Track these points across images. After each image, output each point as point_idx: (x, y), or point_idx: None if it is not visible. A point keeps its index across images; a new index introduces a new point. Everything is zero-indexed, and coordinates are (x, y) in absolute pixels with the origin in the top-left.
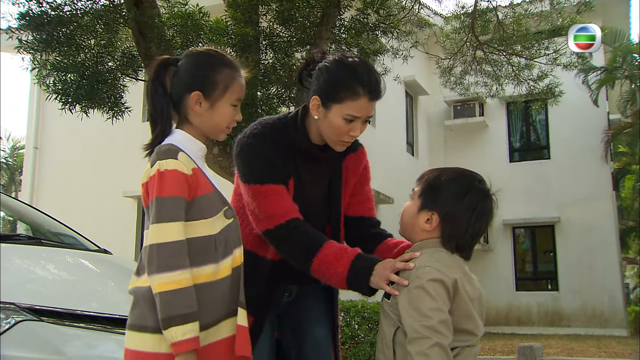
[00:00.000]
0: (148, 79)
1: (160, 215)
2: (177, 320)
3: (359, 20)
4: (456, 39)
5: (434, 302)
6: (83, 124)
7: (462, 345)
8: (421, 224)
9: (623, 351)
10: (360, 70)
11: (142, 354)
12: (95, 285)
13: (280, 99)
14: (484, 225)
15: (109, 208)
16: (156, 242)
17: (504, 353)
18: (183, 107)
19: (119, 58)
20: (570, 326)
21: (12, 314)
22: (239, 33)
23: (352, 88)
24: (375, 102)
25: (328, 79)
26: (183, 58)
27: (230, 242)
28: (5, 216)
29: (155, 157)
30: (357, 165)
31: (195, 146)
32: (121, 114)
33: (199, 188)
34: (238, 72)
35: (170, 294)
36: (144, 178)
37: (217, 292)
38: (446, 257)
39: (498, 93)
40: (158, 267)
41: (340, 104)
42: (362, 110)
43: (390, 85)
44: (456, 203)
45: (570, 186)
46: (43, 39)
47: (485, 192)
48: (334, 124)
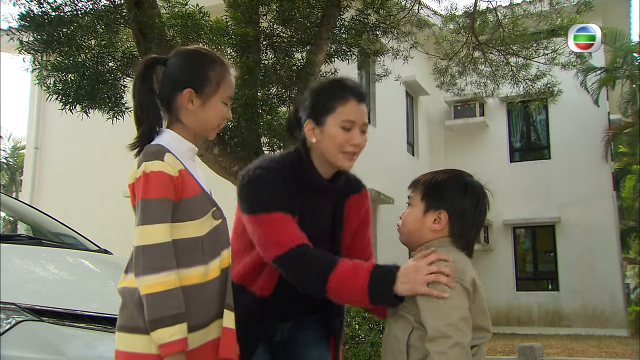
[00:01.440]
0: (134, 78)
1: (146, 217)
2: (164, 321)
3: (359, 21)
4: (455, 40)
5: (454, 300)
6: (83, 125)
7: (478, 342)
8: (429, 225)
9: (624, 351)
10: (339, 81)
11: (133, 355)
12: (95, 285)
13: (281, 99)
14: (484, 218)
15: (109, 208)
16: (142, 244)
17: (505, 353)
18: (174, 107)
19: (119, 58)
20: (571, 326)
21: (13, 314)
22: (239, 33)
23: (339, 95)
24: (364, 105)
25: (314, 100)
26: (172, 57)
27: (218, 244)
28: (5, 216)
29: (142, 158)
30: (360, 206)
31: (185, 147)
32: (121, 114)
33: (185, 190)
34: (228, 70)
35: (156, 296)
36: (131, 179)
37: (206, 294)
38: (460, 256)
39: (494, 93)
40: (144, 269)
41: (333, 114)
42: (355, 114)
43: (391, 86)
44: (461, 199)
45: (570, 186)
46: (44, 40)
47: (481, 186)
48: (333, 136)
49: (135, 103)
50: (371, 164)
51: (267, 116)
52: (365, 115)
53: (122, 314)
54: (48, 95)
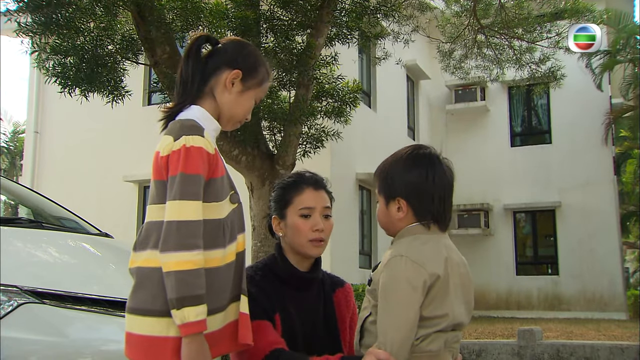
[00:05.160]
0: (186, 48)
1: (184, 192)
2: (191, 300)
3: (360, 4)
4: (457, 23)
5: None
6: (83, 109)
7: (430, 332)
8: (395, 215)
9: (622, 334)
10: (296, 174)
11: (150, 338)
12: (96, 268)
13: (281, 82)
14: (448, 186)
15: (109, 192)
16: (176, 219)
17: (504, 336)
18: (214, 80)
19: (118, 41)
20: (570, 310)
21: (15, 296)
22: (239, 16)
23: (295, 186)
24: (322, 191)
25: (276, 196)
26: (227, 41)
27: (235, 228)
28: (6, 200)
29: (180, 131)
30: (347, 300)
31: (212, 125)
32: (121, 98)
33: (217, 170)
34: (270, 77)
35: (187, 274)
36: (166, 151)
37: (223, 277)
38: (426, 246)
39: (498, 77)
40: (176, 246)
41: (292, 205)
42: (311, 200)
43: (392, 70)
44: (410, 177)
45: (571, 171)
46: (42, 22)
47: (429, 154)
48: (295, 226)
49: (183, 68)
50: (371, 148)
51: (267, 100)
52: (325, 201)
53: (136, 296)
54: (47, 79)
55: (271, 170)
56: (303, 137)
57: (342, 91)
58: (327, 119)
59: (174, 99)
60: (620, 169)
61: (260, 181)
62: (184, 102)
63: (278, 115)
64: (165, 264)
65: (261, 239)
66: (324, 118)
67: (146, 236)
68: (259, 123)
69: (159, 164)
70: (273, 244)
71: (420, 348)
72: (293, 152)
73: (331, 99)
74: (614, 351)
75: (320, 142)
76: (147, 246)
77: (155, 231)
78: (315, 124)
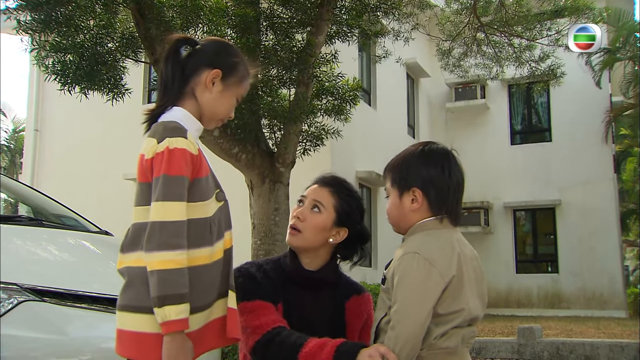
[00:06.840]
0: (165, 53)
1: (167, 194)
2: (172, 299)
3: (360, 1)
4: (457, 21)
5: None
6: (84, 106)
7: (447, 328)
8: (409, 207)
9: (622, 332)
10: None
11: (142, 335)
12: (96, 266)
13: (281, 80)
14: (461, 182)
15: (109, 190)
16: (159, 219)
17: (504, 334)
18: (194, 81)
19: (118, 39)
20: (570, 308)
21: (15, 294)
22: (239, 14)
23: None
24: (325, 188)
25: None
26: (205, 42)
27: (222, 225)
28: (6, 198)
29: (164, 133)
30: (361, 309)
31: (195, 125)
32: (121, 95)
33: (201, 170)
34: (250, 73)
35: (169, 273)
36: (150, 153)
37: (211, 275)
38: (439, 243)
39: (498, 75)
40: (159, 245)
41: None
42: (308, 191)
43: (392, 67)
44: (427, 169)
45: (571, 169)
46: (41, 20)
47: (444, 149)
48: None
49: (164, 70)
50: (371, 146)
51: (267, 98)
52: (319, 195)
53: (125, 294)
54: (47, 76)
55: (271, 168)
56: (303, 135)
57: (342, 89)
58: (327, 117)
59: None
60: (621, 167)
61: (260, 179)
62: (165, 104)
63: (278, 113)
64: (149, 263)
65: (261, 237)
66: (324, 116)
67: (134, 237)
68: (259, 121)
69: (143, 167)
70: (272, 241)
71: (437, 344)
72: (293, 150)
73: (331, 97)
74: (614, 349)
75: (320, 140)
76: (136, 247)
77: (144, 233)
78: (315, 122)
